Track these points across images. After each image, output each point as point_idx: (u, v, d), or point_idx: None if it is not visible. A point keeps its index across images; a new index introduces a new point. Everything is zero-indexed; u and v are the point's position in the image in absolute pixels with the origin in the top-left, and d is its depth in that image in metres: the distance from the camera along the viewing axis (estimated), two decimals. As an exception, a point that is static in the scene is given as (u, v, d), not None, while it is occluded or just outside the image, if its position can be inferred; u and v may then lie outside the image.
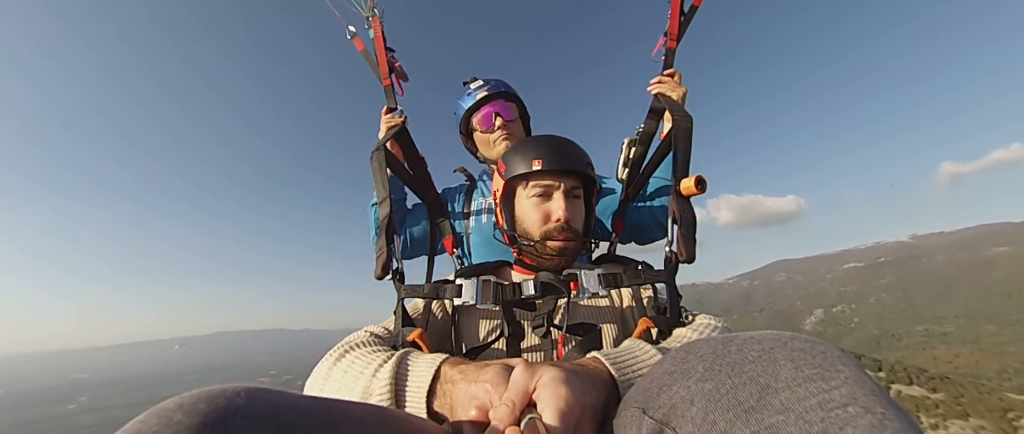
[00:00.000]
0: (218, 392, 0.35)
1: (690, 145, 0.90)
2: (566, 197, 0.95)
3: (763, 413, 0.32)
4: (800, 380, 0.33)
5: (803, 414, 0.31)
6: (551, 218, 0.94)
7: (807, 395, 0.32)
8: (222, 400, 0.34)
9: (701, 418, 0.35)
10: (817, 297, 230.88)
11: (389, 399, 0.60)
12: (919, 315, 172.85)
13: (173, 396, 0.35)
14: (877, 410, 0.30)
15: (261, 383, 0.35)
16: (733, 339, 0.41)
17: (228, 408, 0.33)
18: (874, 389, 0.33)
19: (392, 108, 1.37)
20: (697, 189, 0.82)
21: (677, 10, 1.30)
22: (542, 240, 0.95)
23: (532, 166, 0.94)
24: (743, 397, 0.34)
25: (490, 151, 1.46)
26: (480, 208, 1.45)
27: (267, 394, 0.37)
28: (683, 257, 0.83)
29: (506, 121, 1.43)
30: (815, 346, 0.37)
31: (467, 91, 1.49)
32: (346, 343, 0.78)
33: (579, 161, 0.97)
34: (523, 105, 1.53)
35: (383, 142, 1.10)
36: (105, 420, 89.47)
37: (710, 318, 0.82)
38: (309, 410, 0.39)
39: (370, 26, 1.40)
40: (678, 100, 1.22)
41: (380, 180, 1.00)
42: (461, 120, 1.50)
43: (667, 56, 1.33)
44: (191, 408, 0.33)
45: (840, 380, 0.33)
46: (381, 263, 0.92)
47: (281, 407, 0.37)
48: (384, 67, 1.38)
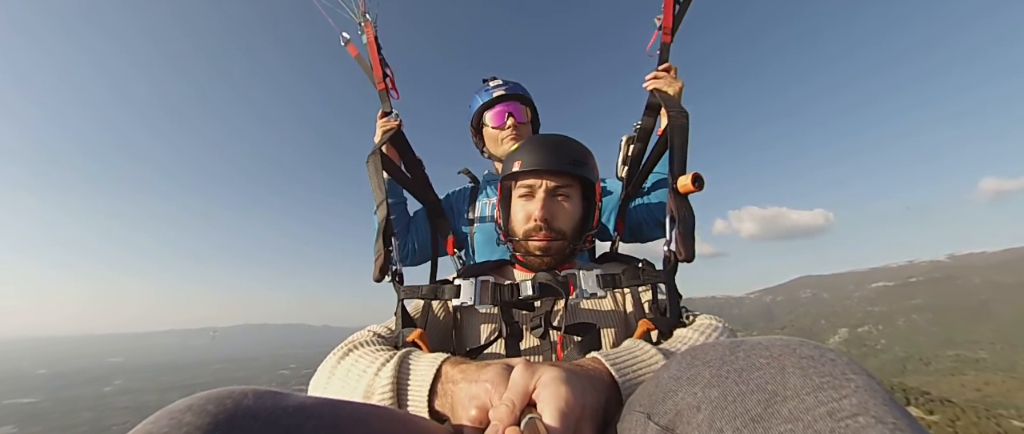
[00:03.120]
0: (226, 393, 0.36)
1: (686, 141, 0.88)
2: (548, 197, 0.95)
3: (771, 422, 0.32)
4: (809, 389, 0.32)
5: (812, 424, 0.30)
6: (531, 218, 0.96)
7: (816, 404, 0.31)
8: (230, 401, 0.35)
9: (707, 425, 0.35)
10: (843, 316, 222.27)
11: (391, 398, 0.61)
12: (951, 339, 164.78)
13: (201, 383, 0.91)
14: (888, 420, 0.29)
15: (282, 375, 0.85)
16: (741, 345, 0.40)
17: (236, 409, 0.34)
18: (886, 399, 0.32)
19: (387, 112, 1.38)
20: (694, 187, 0.80)
21: (670, 2, 1.28)
22: (524, 239, 0.97)
23: (514, 167, 0.97)
24: (750, 405, 0.33)
25: (497, 148, 1.50)
26: (484, 209, 1.46)
27: (274, 395, 0.38)
28: (682, 256, 0.82)
29: (517, 122, 1.46)
30: (825, 354, 0.36)
31: (485, 88, 1.53)
32: (349, 342, 0.79)
33: (561, 160, 0.96)
34: (536, 112, 1.56)
35: (379, 146, 1.11)
36: (140, 403, 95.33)
37: (712, 318, 0.81)
38: (315, 411, 0.40)
39: (363, 32, 1.42)
40: (675, 95, 1.19)
41: (376, 184, 1.00)
42: (474, 114, 1.53)
43: (662, 50, 1.29)
44: (200, 409, 0.33)
45: (850, 389, 0.32)
46: (379, 265, 0.92)
47: (288, 408, 0.38)
48: (378, 72, 1.39)
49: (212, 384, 7.20)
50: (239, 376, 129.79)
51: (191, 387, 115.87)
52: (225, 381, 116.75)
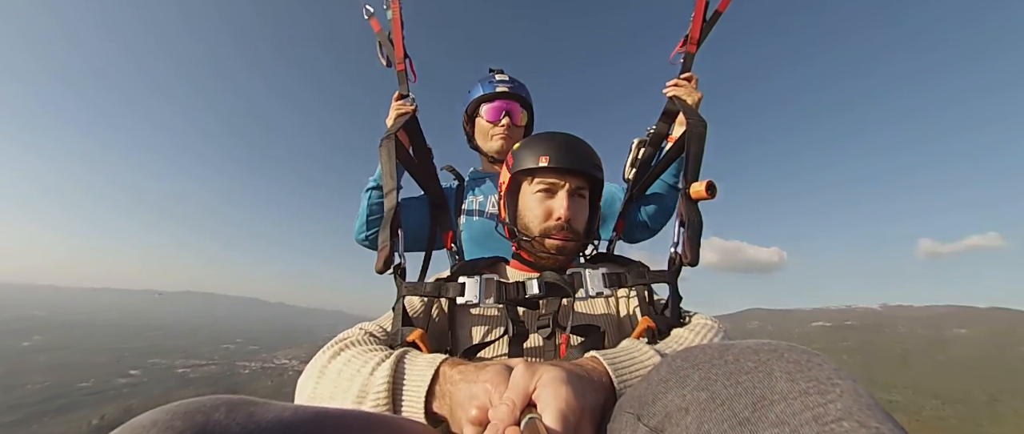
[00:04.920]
0: (196, 406, 0.33)
1: (702, 150, 0.90)
2: (570, 196, 0.95)
3: (758, 425, 0.32)
4: (796, 393, 0.33)
5: (798, 428, 0.31)
6: (552, 216, 0.94)
7: (802, 408, 0.32)
8: (200, 416, 0.32)
9: (696, 428, 0.35)
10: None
11: (386, 399, 0.59)
12: (872, 380, 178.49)
13: (132, 348, 0.79)
14: (871, 425, 0.30)
15: (225, 349, 0.68)
16: (730, 348, 0.40)
17: (206, 425, 0.32)
18: (870, 404, 0.32)
19: (404, 95, 1.34)
20: (707, 194, 0.81)
21: (700, 14, 1.30)
22: (541, 237, 0.94)
23: (539, 162, 0.94)
24: (738, 408, 0.34)
25: (485, 142, 1.50)
26: (471, 208, 1.44)
27: (250, 407, 0.36)
28: (688, 259, 0.83)
29: (512, 124, 1.46)
30: (812, 358, 0.36)
31: (490, 79, 1.52)
32: (340, 340, 0.75)
33: (587, 162, 0.96)
34: (533, 116, 1.57)
35: (393, 130, 1.09)
36: (61, 362, 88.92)
37: (707, 318, 0.82)
38: (294, 424, 0.37)
39: (388, 7, 1.36)
40: (693, 105, 1.21)
41: (388, 170, 0.99)
42: (471, 101, 1.52)
43: (686, 60, 1.31)
44: (166, 425, 0.31)
45: (836, 394, 0.32)
46: (384, 257, 0.88)
47: (263, 423, 0.35)
48: (399, 51, 1.34)
49: (145, 352, 7.63)
50: (177, 344, 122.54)
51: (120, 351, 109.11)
52: (161, 349, 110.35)
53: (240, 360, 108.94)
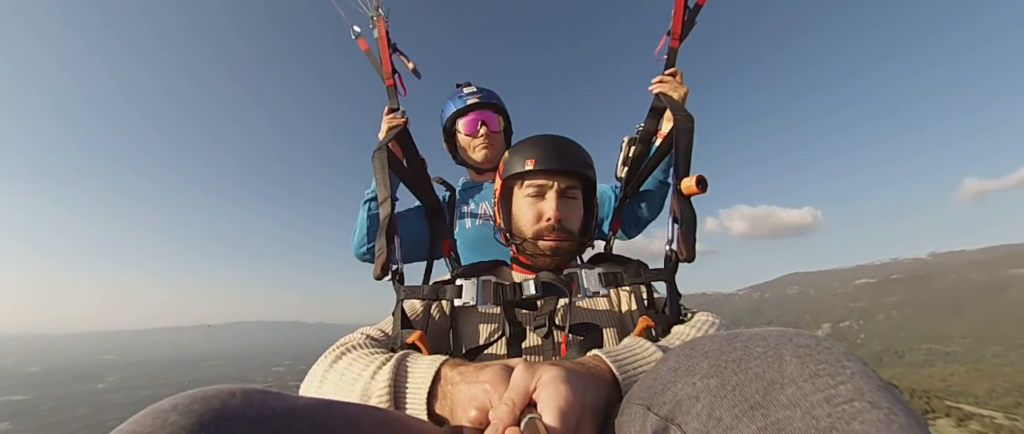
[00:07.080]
0: (213, 393, 0.35)
1: (691, 145, 0.90)
2: (560, 197, 0.96)
3: (769, 408, 0.32)
4: (806, 376, 0.33)
5: (810, 409, 0.31)
6: (543, 217, 0.95)
7: (813, 390, 0.32)
8: (217, 401, 0.34)
9: (706, 414, 0.35)
10: (826, 311, 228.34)
11: (388, 401, 0.60)
12: (925, 334, 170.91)
13: (195, 381, 1.27)
14: (883, 405, 0.30)
15: (276, 372, 1.09)
16: (738, 336, 0.40)
17: (223, 409, 0.34)
18: (880, 384, 0.33)
19: (394, 108, 1.38)
20: (698, 188, 0.81)
21: (681, 8, 1.29)
22: (534, 239, 0.96)
23: (526, 165, 0.96)
24: (749, 393, 0.34)
25: (469, 155, 1.53)
26: (463, 214, 1.46)
27: (263, 395, 0.38)
28: (683, 256, 0.83)
29: (490, 131, 1.48)
30: (820, 343, 0.37)
31: (459, 94, 1.55)
32: (342, 345, 0.77)
33: (575, 161, 0.97)
34: (508, 119, 1.58)
35: (385, 142, 1.10)
36: (135, 399, 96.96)
37: (708, 315, 0.82)
38: (305, 412, 0.39)
39: (374, 26, 1.42)
40: (680, 100, 1.22)
41: (381, 180, 1.00)
42: (446, 119, 1.54)
43: (670, 55, 1.32)
44: (186, 408, 0.33)
45: (846, 375, 0.33)
46: (381, 263, 0.90)
47: (277, 408, 0.37)
48: (387, 67, 1.39)
49: (205, 381, 9.57)
50: (232, 373, 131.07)
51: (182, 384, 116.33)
52: (218, 378, 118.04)
53: (292, 380, 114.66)
